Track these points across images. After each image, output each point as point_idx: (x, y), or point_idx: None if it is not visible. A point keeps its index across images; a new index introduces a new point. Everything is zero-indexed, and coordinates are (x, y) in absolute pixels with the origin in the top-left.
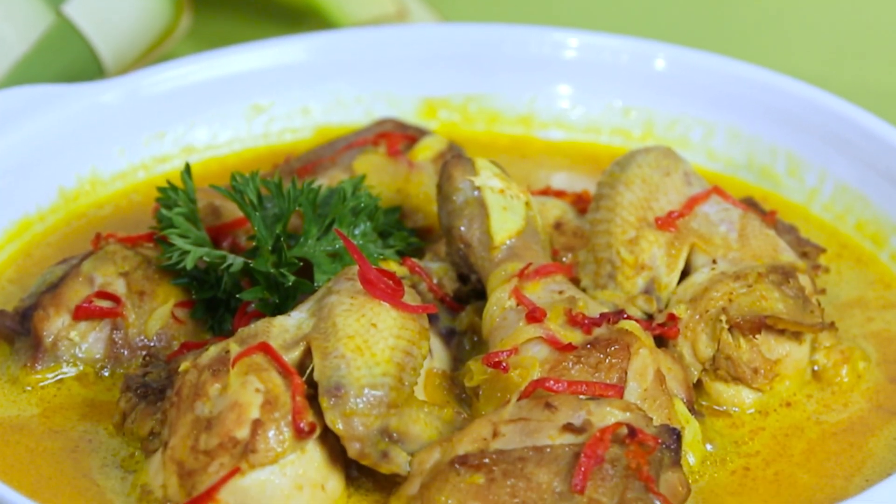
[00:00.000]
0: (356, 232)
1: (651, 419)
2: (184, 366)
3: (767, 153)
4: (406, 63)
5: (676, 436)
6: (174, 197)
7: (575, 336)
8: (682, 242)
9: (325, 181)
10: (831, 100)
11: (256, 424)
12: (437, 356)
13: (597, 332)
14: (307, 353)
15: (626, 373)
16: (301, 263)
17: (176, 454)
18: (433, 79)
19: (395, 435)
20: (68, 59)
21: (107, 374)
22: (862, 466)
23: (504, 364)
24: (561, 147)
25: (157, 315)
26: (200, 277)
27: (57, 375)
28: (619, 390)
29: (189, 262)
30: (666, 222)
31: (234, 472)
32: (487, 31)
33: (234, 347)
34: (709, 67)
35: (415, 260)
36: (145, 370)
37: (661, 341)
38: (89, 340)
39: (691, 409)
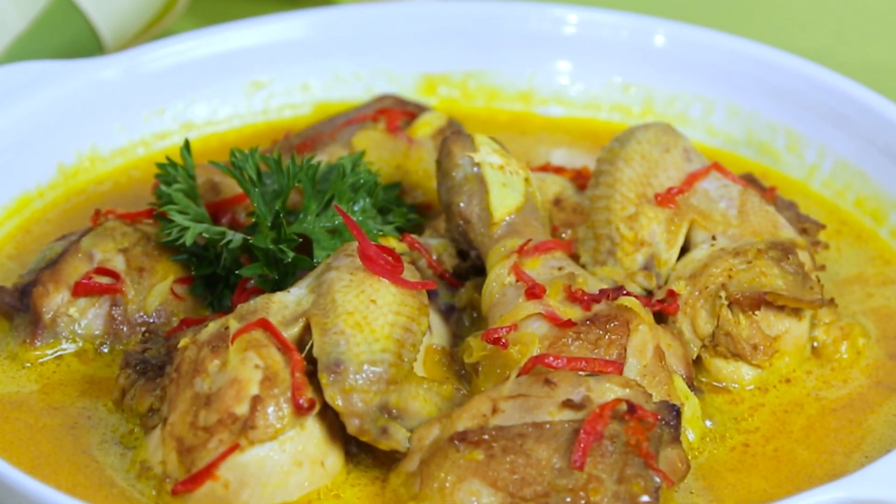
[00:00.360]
0: (355, 208)
1: (650, 395)
2: (183, 342)
3: (767, 129)
4: (405, 39)
5: (676, 412)
6: (173, 173)
7: (574, 312)
8: (681, 219)
9: (324, 157)
10: (831, 76)
11: (256, 401)
12: (437, 332)
13: (596, 308)
14: (306, 330)
15: (625, 349)
16: (300, 240)
17: (175, 430)
18: (433, 55)
19: (394, 411)
20: (68, 35)
21: (106, 350)
22: (861, 443)
23: (503, 340)
24: (560, 123)
25: (157, 291)
26: (200, 254)
27: (56, 352)
28: (618, 367)
29: (188, 239)
30: (665, 198)
31: (234, 448)
32: (487, 7)
33: (233, 324)
34: (708, 44)
35: (414, 236)
36: (144, 346)
37: (661, 317)
38: (88, 317)
39: (691, 386)
